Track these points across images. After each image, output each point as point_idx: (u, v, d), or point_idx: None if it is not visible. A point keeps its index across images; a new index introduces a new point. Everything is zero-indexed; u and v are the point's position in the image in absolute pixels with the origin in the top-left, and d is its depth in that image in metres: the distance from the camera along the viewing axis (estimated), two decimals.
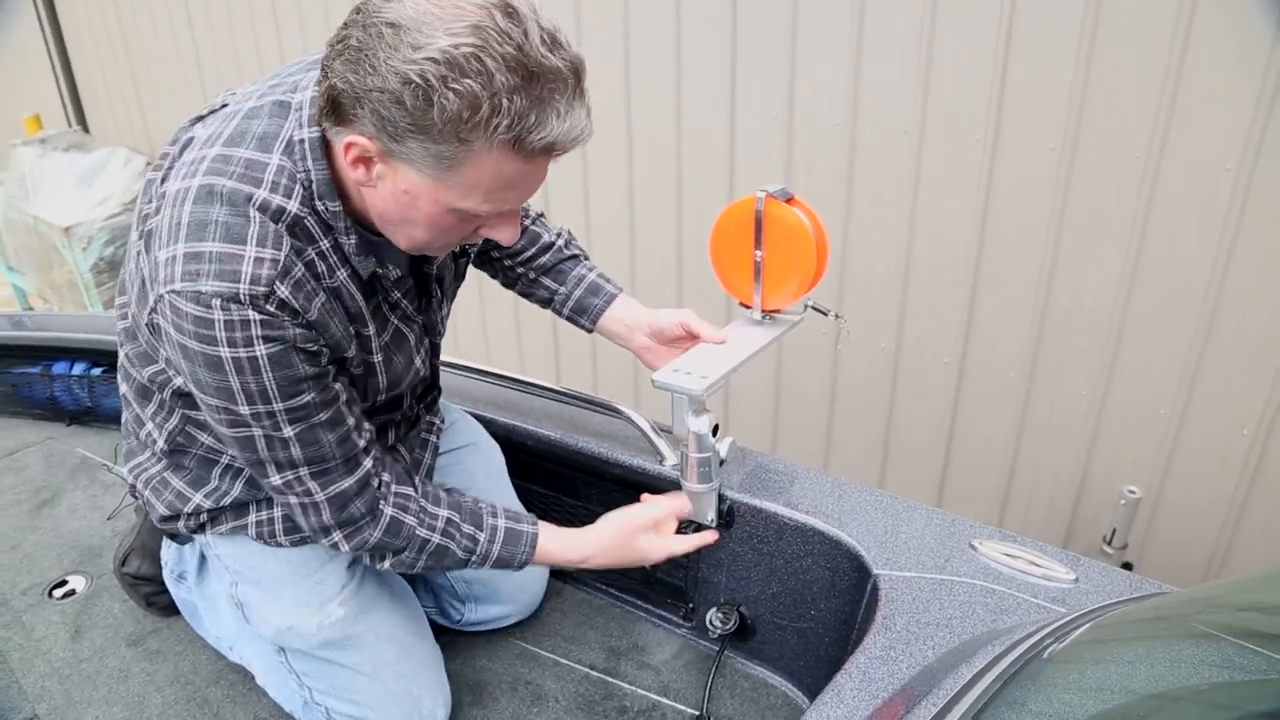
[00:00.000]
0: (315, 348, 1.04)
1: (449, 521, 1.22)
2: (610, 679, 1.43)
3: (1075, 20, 1.69)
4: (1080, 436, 2.02)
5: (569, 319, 1.48)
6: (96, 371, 2.14)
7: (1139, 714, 0.72)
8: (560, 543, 1.29)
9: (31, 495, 1.96)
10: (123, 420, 1.33)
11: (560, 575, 1.63)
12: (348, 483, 1.13)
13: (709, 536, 1.31)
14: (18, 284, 4.55)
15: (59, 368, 2.16)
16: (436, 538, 1.21)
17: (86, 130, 4.94)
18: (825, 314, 1.38)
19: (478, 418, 1.61)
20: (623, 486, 1.48)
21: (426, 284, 1.24)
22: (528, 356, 3.09)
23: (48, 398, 2.19)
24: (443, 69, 0.84)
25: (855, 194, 2.12)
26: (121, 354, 1.23)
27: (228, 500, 1.26)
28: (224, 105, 1.09)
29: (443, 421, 1.54)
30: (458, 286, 1.37)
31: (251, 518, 1.28)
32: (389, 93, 0.86)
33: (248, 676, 1.43)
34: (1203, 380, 1.83)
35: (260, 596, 1.30)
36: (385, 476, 1.19)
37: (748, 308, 1.38)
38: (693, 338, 1.36)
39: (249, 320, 0.97)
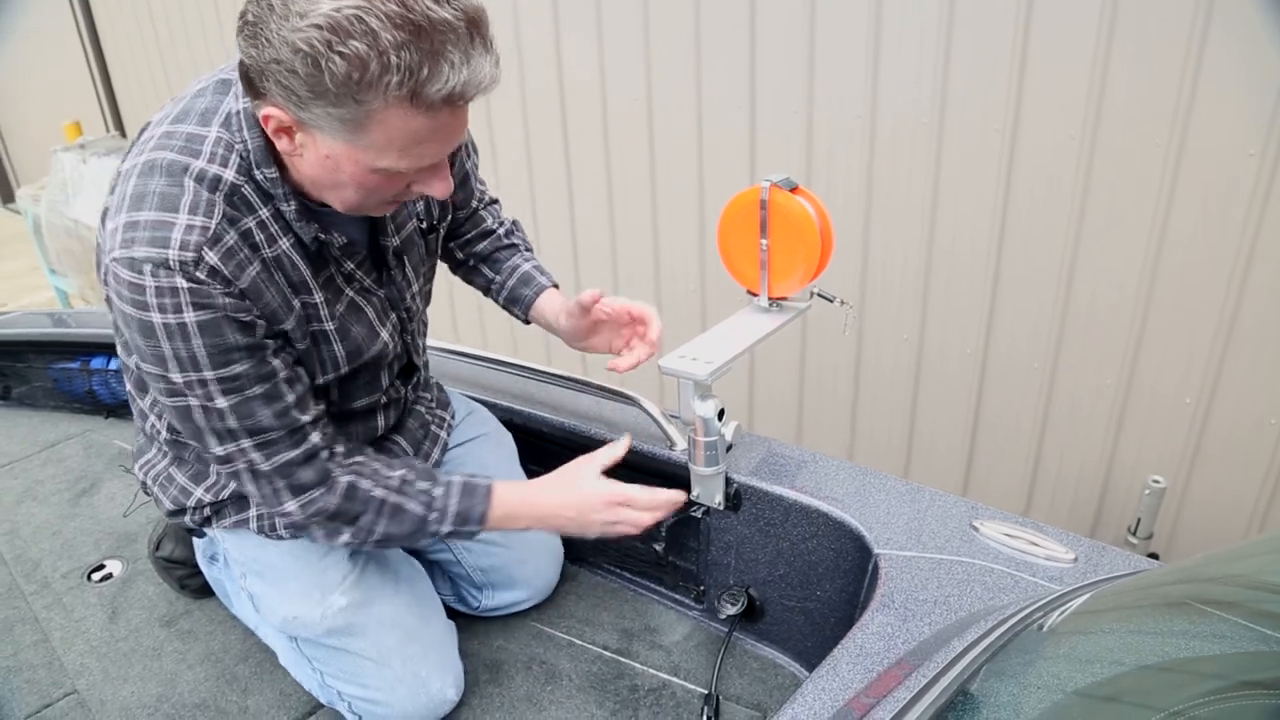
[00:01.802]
0: (248, 318, 1.05)
1: (404, 480, 1.22)
2: (622, 659, 1.45)
3: (1094, 6, 1.69)
4: (1105, 427, 2.01)
5: (505, 308, 1.51)
6: None
7: (1121, 683, 0.73)
8: (519, 493, 1.28)
9: (71, 485, 2.04)
10: (134, 417, 1.38)
11: (575, 559, 1.67)
12: (293, 453, 1.13)
13: (676, 496, 1.28)
14: (60, 286, 4.66)
15: (97, 362, 2.23)
16: (393, 496, 1.20)
17: (124, 135, 5.08)
18: (830, 301, 1.40)
19: (493, 406, 1.64)
20: (635, 472, 1.50)
21: (384, 255, 1.25)
22: (554, 349, 3.13)
23: (87, 391, 2.27)
24: (326, 34, 0.86)
25: (876, 185, 2.12)
26: (118, 346, 1.25)
27: (226, 494, 1.30)
28: None
29: (453, 416, 1.57)
30: (431, 264, 1.38)
31: (252, 511, 1.31)
32: (283, 64, 0.89)
33: (274, 655, 1.48)
34: (1228, 370, 1.81)
35: (266, 588, 1.34)
36: (338, 448, 1.19)
37: (755, 295, 1.40)
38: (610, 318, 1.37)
39: (177, 287, 1.00)
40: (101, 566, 1.76)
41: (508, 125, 2.89)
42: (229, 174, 1.04)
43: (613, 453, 1.33)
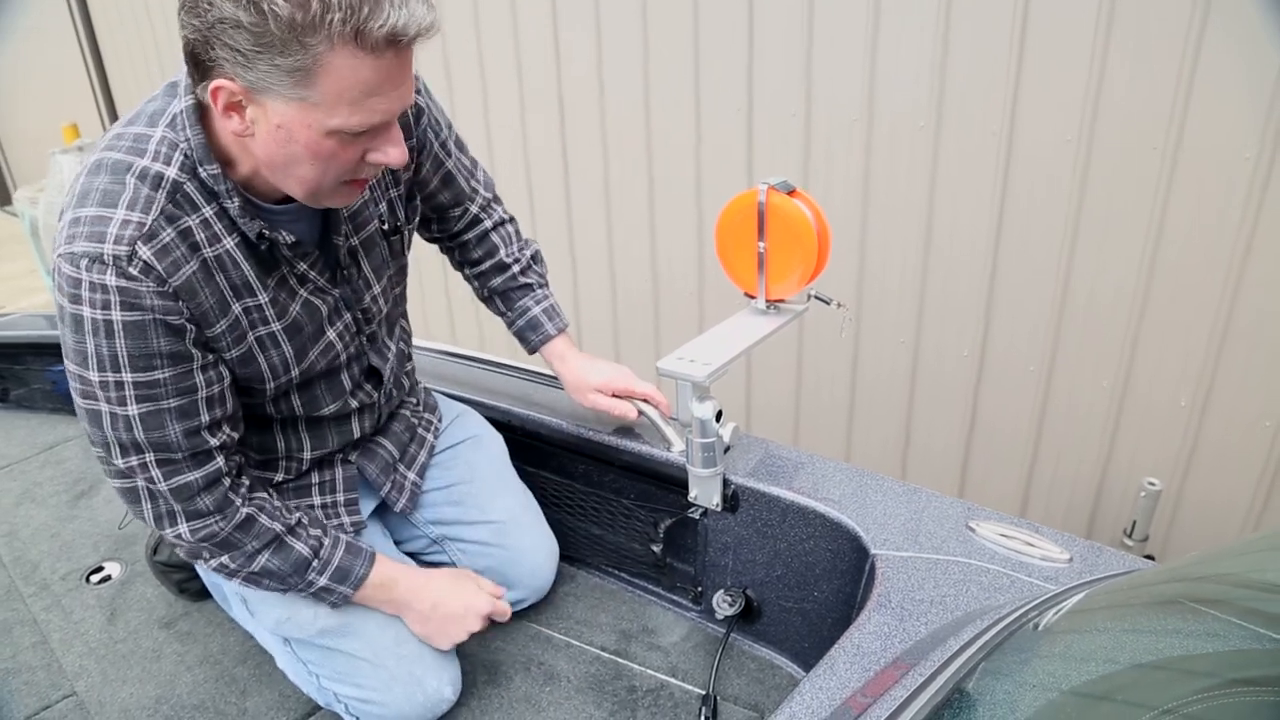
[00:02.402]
0: (178, 321, 1.06)
1: (299, 521, 1.25)
2: (620, 660, 1.46)
3: (1090, 9, 1.70)
4: (1101, 429, 2.02)
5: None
6: None
7: (1114, 681, 0.74)
8: (400, 567, 1.35)
9: (70, 487, 2.04)
10: None
11: (573, 560, 1.67)
12: (193, 476, 1.15)
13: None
14: None
15: None
16: (286, 535, 1.23)
17: None
18: (828, 303, 1.41)
19: (491, 408, 1.65)
20: (633, 473, 1.51)
21: (336, 254, 1.25)
22: None
23: None
24: None
25: (873, 187, 2.13)
26: None
27: None
28: None
29: (440, 420, 1.58)
30: (398, 265, 1.39)
31: None
32: (227, 20, 0.90)
33: (273, 657, 1.48)
34: (1223, 372, 1.82)
35: (258, 589, 1.33)
36: (244, 480, 1.21)
37: (752, 297, 1.41)
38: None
39: (108, 285, 1.01)
40: (100, 568, 1.76)
41: (506, 125, 2.89)
42: (171, 171, 1.06)
43: (495, 590, 1.43)
